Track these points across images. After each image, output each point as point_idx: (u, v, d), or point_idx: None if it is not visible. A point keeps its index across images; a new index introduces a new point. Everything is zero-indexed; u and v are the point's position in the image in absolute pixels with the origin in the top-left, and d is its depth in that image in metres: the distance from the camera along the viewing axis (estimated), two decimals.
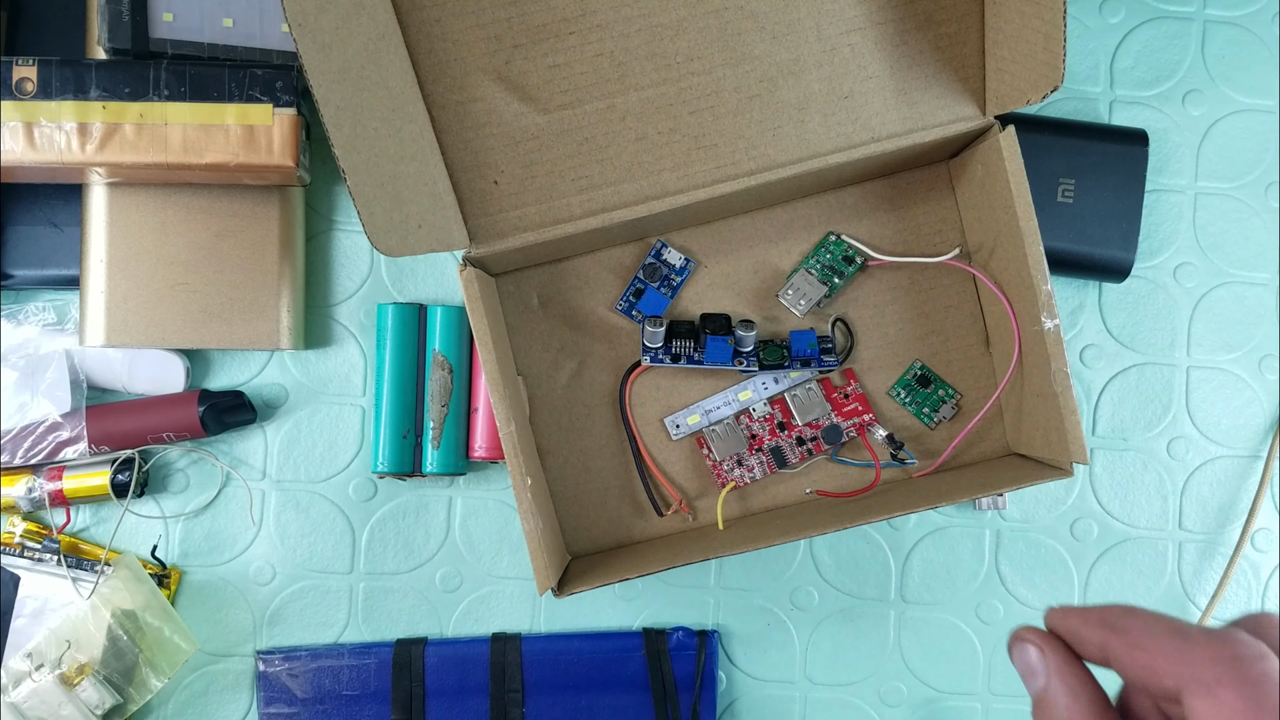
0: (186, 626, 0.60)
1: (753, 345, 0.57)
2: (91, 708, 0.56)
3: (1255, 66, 0.62)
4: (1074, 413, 0.50)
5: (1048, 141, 0.58)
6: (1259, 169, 0.62)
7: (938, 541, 0.62)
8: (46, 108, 0.53)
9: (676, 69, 0.53)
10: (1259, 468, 0.62)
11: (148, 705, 0.61)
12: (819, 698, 0.63)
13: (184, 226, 0.58)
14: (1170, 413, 0.62)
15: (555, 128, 0.53)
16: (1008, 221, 0.51)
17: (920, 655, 0.63)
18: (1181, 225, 0.62)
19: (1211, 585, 0.62)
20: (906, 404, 0.60)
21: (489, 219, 0.54)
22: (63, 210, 0.58)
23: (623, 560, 0.56)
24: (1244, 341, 0.62)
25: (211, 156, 0.54)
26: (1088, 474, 0.62)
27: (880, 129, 0.53)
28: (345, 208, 0.62)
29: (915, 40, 0.53)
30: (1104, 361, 0.62)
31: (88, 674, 0.56)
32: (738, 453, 0.59)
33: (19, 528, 0.59)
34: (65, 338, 0.59)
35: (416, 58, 0.52)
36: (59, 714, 0.55)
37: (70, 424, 0.58)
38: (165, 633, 0.58)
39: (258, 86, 0.54)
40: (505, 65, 0.52)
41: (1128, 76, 0.62)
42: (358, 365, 0.62)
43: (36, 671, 0.56)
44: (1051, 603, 0.62)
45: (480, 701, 0.61)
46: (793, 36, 0.52)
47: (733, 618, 0.62)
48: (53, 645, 0.56)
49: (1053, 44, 0.45)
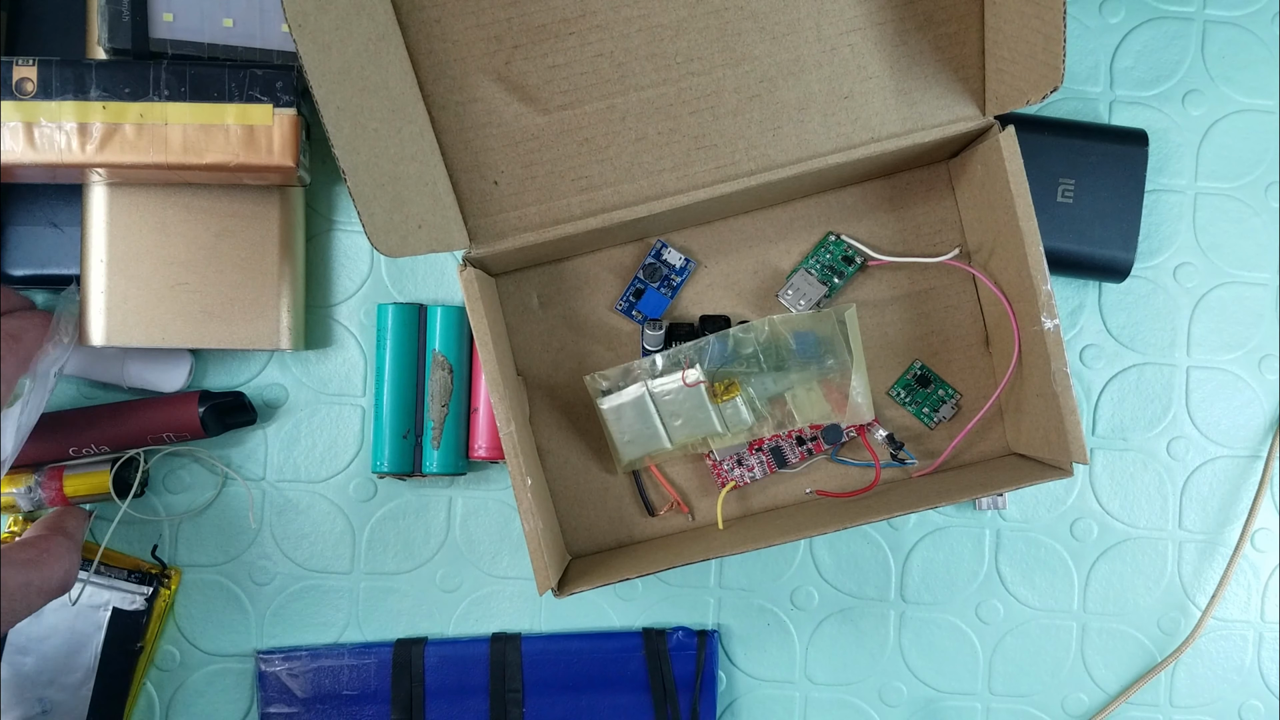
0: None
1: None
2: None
3: (1255, 66, 0.62)
4: (1074, 413, 0.50)
5: (1048, 141, 0.58)
6: (1259, 169, 0.62)
7: (938, 541, 0.62)
8: (46, 108, 0.53)
9: (676, 69, 0.53)
10: (1259, 468, 0.62)
11: (148, 705, 0.61)
12: (819, 698, 0.63)
13: (184, 227, 0.58)
14: (1170, 413, 0.62)
15: (555, 128, 0.53)
16: (1008, 221, 0.51)
17: (920, 655, 0.63)
18: (1181, 225, 0.62)
19: (1211, 585, 0.62)
20: (906, 404, 0.60)
21: (489, 219, 0.54)
22: (63, 210, 0.58)
23: (623, 560, 0.56)
24: (1244, 341, 0.62)
25: (211, 157, 0.54)
26: (1088, 474, 0.62)
27: (880, 129, 0.53)
28: (345, 208, 0.62)
29: (915, 40, 0.53)
30: (1104, 361, 0.62)
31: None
32: (738, 453, 0.59)
33: (20, 527, 0.59)
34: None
35: (416, 58, 0.52)
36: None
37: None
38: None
39: (258, 87, 0.54)
40: (505, 66, 0.52)
41: (1127, 76, 0.62)
42: (358, 365, 0.62)
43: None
44: (1051, 602, 0.62)
45: (480, 701, 0.61)
46: (793, 37, 0.52)
47: (733, 618, 0.62)
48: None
49: (1052, 44, 0.45)
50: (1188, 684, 0.63)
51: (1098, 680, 0.63)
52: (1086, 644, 0.63)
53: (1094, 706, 0.63)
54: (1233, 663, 0.63)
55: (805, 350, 0.57)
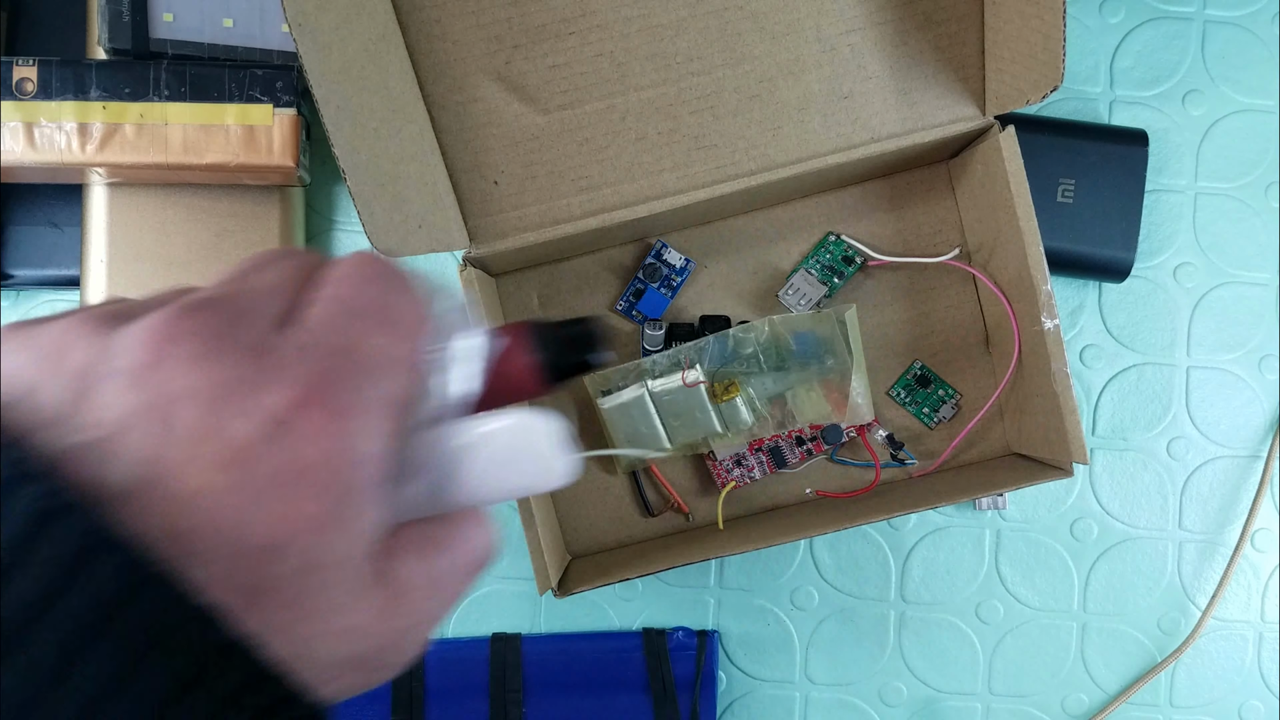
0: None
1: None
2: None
3: (1255, 66, 0.62)
4: (1074, 412, 0.50)
5: (1048, 142, 0.58)
6: (1259, 169, 0.62)
7: (938, 542, 0.62)
8: (47, 108, 0.53)
9: (676, 69, 0.53)
10: (1259, 468, 0.62)
11: None
12: (819, 698, 0.63)
13: (184, 227, 0.58)
14: (1170, 413, 0.62)
15: (555, 128, 0.53)
16: (1008, 221, 0.51)
17: (920, 655, 0.63)
18: (1181, 225, 0.62)
19: (1211, 585, 0.62)
20: (906, 404, 0.60)
21: (489, 219, 0.54)
22: (63, 210, 0.58)
23: (623, 560, 0.56)
24: (1244, 341, 0.62)
25: (212, 157, 0.54)
26: (1088, 474, 0.62)
27: (880, 129, 0.53)
28: (345, 208, 0.62)
29: (915, 40, 0.53)
30: (1104, 362, 0.62)
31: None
32: (738, 453, 0.59)
33: None
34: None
35: (416, 58, 0.52)
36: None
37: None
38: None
39: (258, 87, 0.54)
40: (505, 65, 0.52)
41: (1128, 77, 0.62)
42: None
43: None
44: (1051, 602, 0.62)
45: (480, 702, 0.61)
46: (792, 37, 0.52)
47: (733, 618, 0.62)
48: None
49: (1052, 44, 0.45)
50: (1188, 684, 0.63)
51: (1098, 680, 0.63)
52: (1087, 644, 0.63)
53: (1094, 706, 0.63)
54: (1233, 663, 0.63)
55: (805, 350, 0.57)
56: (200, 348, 0.21)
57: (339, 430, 0.21)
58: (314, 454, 0.20)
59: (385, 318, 0.23)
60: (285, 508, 0.20)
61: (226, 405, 0.20)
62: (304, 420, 0.20)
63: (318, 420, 0.21)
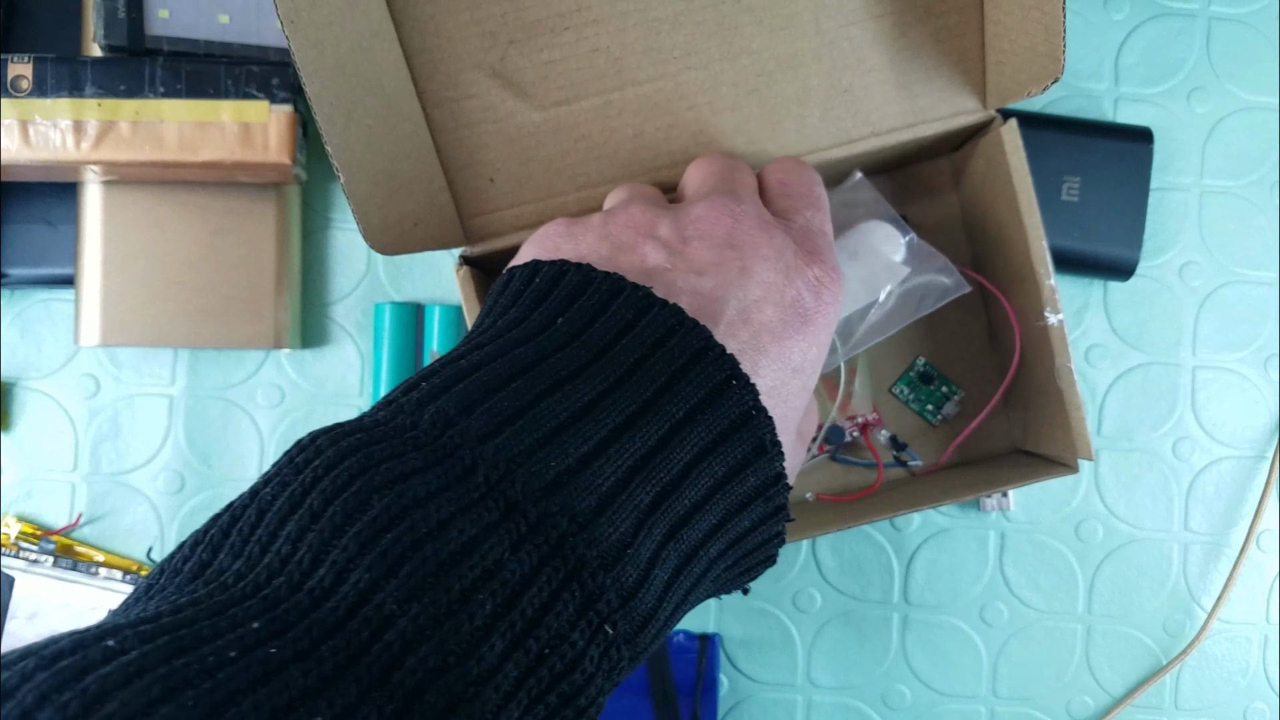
0: None
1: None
2: None
3: (1261, 64, 0.62)
4: (1078, 408, 0.49)
5: (1052, 139, 0.58)
6: (1264, 167, 0.62)
7: (941, 543, 0.62)
8: (41, 105, 0.53)
9: (673, 64, 0.52)
10: (1265, 469, 0.62)
11: None
12: (821, 701, 0.62)
13: (180, 224, 0.57)
14: (1176, 413, 0.62)
15: (551, 125, 0.53)
16: (1010, 215, 0.51)
17: (924, 658, 0.62)
18: (1187, 223, 0.62)
19: (1217, 587, 0.62)
20: (909, 401, 0.59)
21: (485, 217, 0.53)
22: (58, 208, 0.58)
23: None
24: (1250, 341, 0.62)
25: (207, 154, 0.54)
26: (1093, 475, 0.62)
27: (880, 123, 0.53)
28: (342, 205, 0.61)
29: (915, 33, 0.52)
30: (1109, 361, 0.62)
31: None
32: None
33: (14, 528, 0.59)
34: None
35: (410, 55, 0.51)
36: None
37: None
38: None
39: (254, 83, 0.54)
40: (500, 62, 0.52)
41: (1132, 73, 0.62)
42: (355, 365, 0.61)
43: None
44: (1056, 605, 0.62)
45: None
46: (791, 30, 0.52)
47: (734, 621, 0.62)
48: None
49: (1053, 35, 0.44)
50: (1193, 687, 0.62)
51: (1102, 683, 0.62)
52: (1091, 647, 0.62)
53: (1099, 710, 0.62)
54: (1238, 665, 0.62)
55: None
56: (755, 220, 0.37)
57: (831, 279, 0.38)
58: (819, 302, 0.37)
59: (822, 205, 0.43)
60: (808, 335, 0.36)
61: (780, 261, 0.36)
62: (816, 275, 0.37)
63: (826, 280, 0.37)
